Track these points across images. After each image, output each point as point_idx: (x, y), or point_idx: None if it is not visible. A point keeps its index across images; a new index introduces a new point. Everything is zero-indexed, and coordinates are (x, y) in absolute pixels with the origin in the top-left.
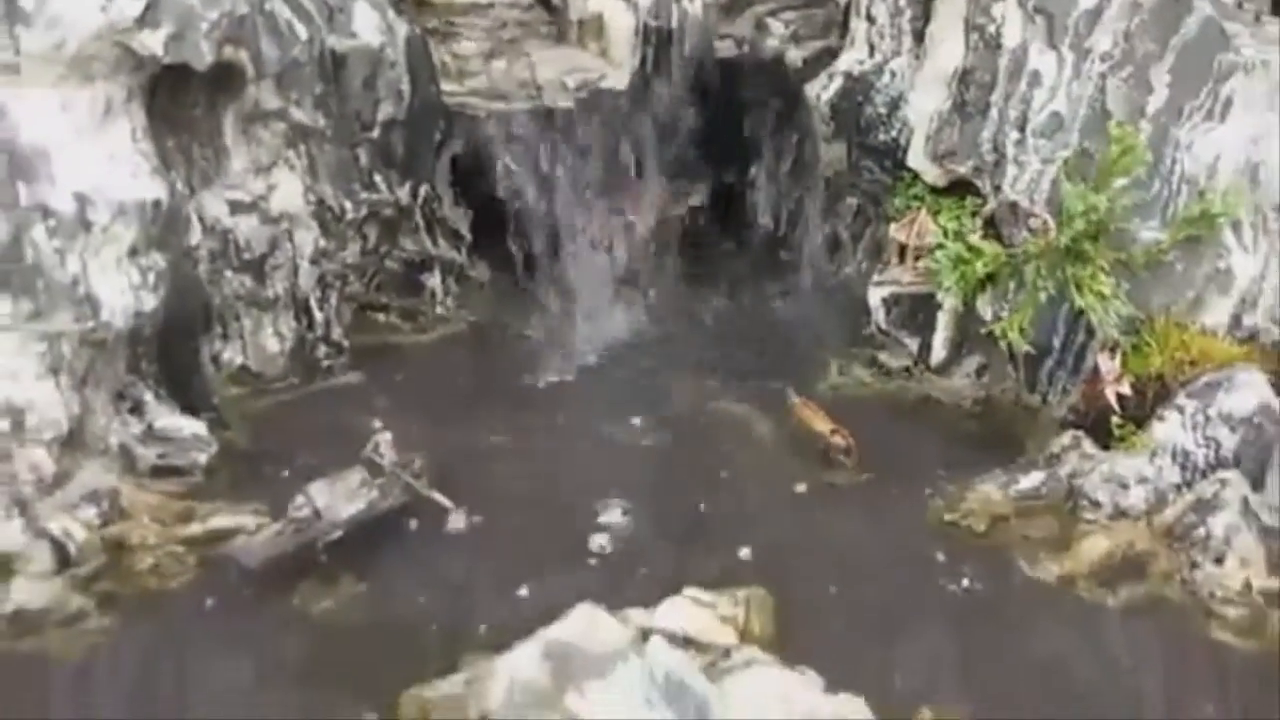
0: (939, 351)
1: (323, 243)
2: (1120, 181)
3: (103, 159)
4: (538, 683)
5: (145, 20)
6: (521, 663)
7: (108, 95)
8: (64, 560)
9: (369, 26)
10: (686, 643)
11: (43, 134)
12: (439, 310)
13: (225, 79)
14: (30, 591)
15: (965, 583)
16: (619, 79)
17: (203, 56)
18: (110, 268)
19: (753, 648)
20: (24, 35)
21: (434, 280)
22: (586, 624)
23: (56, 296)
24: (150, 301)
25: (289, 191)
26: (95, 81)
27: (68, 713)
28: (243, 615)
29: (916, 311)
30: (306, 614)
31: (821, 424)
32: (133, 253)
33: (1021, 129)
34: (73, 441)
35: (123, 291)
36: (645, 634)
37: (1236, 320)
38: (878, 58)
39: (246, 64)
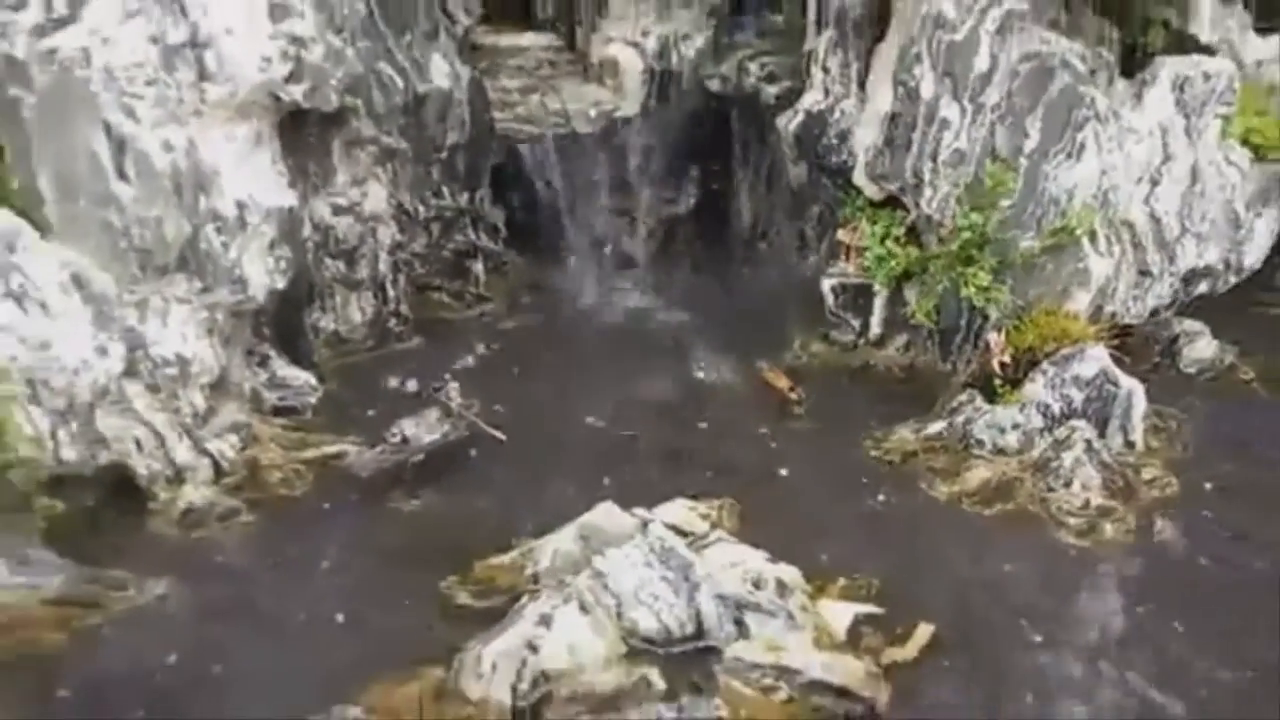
0: (875, 330)
1: (398, 237)
2: (1004, 203)
3: (254, 176)
4: (573, 553)
5: (292, 77)
6: (562, 540)
7: (258, 130)
8: (218, 472)
9: (442, 73)
10: (676, 530)
11: (216, 159)
12: (481, 290)
13: (337, 115)
14: (196, 495)
15: (881, 498)
16: (630, 109)
17: (330, 103)
18: (257, 256)
19: (721, 533)
20: (209, 89)
21: (477, 266)
22: (606, 516)
23: (220, 277)
24: (281, 282)
25: (376, 198)
26: (251, 120)
27: (232, 583)
28: (351, 513)
29: (858, 298)
30: (399, 512)
31: (781, 383)
32: (271, 245)
33: (934, 160)
34: (219, 386)
35: (264, 274)
36: (646, 524)
37: (1097, 309)
38: (830, 99)
39: (359, 107)
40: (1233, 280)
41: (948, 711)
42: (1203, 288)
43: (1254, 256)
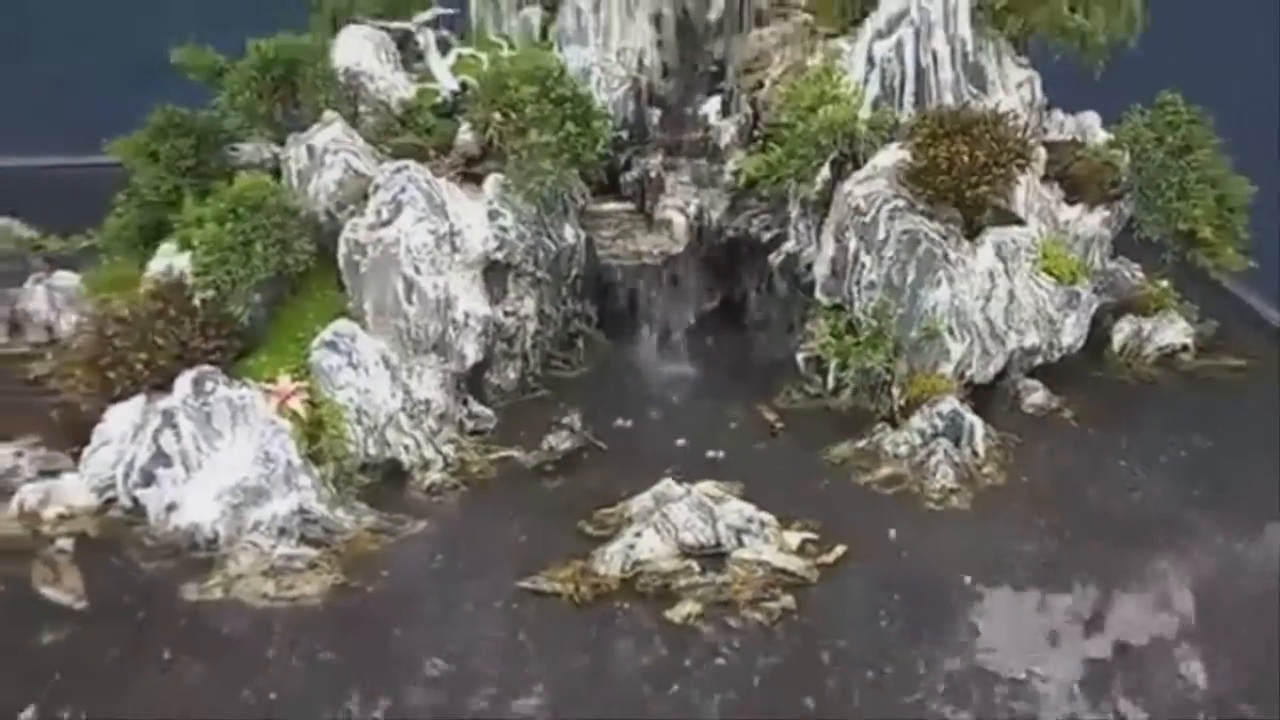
0: (831, 383)
1: (538, 328)
2: (899, 312)
3: (471, 299)
4: (649, 505)
5: (498, 249)
6: (643, 499)
7: (475, 274)
8: (445, 465)
9: (570, 234)
10: (706, 494)
11: (455, 291)
12: (582, 359)
13: (516, 264)
14: (434, 477)
15: (825, 483)
16: (678, 249)
17: (515, 259)
18: (469, 343)
19: (730, 497)
20: (456, 256)
21: (579, 343)
22: (667, 486)
23: (451, 355)
24: (479, 356)
25: (529, 307)
26: (474, 269)
27: (455, 522)
28: (520, 489)
29: (820, 365)
30: (547, 489)
31: (770, 416)
32: (477, 336)
33: (858, 285)
34: (444, 416)
35: (472, 352)
36: (690, 490)
37: (959, 373)
38: (800, 246)
39: (527, 260)
40: (1057, 355)
41: (850, 583)
42: (1039, 360)
43: (1068, 339)
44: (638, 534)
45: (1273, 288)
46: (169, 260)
